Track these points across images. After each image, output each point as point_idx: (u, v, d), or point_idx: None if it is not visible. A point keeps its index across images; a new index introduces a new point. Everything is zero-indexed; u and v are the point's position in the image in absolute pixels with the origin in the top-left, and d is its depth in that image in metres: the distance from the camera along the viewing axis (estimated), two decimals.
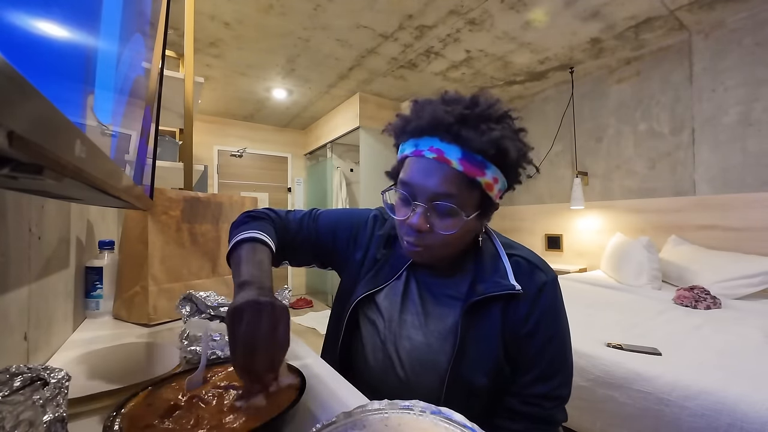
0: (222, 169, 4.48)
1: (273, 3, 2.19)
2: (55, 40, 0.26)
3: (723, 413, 0.99)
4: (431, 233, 0.57)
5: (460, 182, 0.54)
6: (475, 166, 0.53)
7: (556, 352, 0.62)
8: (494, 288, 0.60)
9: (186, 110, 1.53)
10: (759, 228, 2.24)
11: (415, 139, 0.58)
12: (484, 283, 0.61)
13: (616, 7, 2.23)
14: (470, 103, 0.56)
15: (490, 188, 0.56)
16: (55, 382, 0.31)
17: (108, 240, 0.96)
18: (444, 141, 0.54)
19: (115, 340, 0.75)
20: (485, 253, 0.65)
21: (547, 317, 0.61)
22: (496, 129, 0.54)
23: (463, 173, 0.53)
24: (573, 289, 2.28)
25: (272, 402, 0.44)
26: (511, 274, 0.62)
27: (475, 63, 3.00)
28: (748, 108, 2.32)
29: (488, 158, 0.54)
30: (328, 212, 0.78)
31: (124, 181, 0.46)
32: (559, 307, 0.63)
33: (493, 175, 0.55)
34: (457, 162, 0.53)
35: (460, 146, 0.53)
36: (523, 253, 0.66)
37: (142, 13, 0.62)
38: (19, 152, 0.18)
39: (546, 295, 0.61)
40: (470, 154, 0.53)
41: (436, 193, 0.55)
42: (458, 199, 0.55)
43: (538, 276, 0.62)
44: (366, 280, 0.70)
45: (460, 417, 0.37)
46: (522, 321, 0.60)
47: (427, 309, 0.66)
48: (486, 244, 0.67)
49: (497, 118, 0.56)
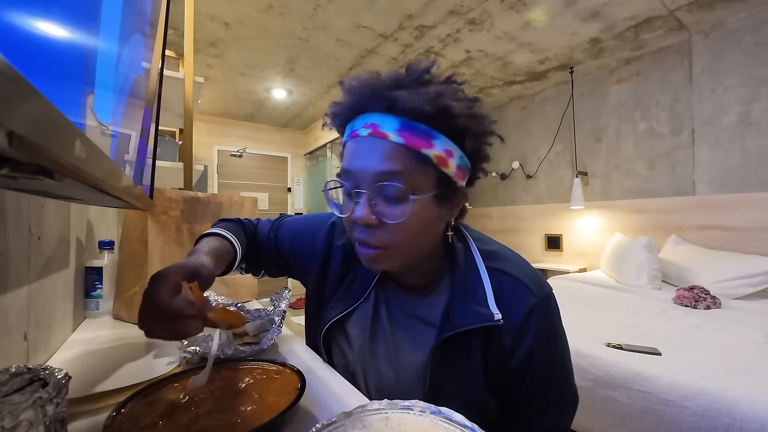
0: (222, 169, 4.48)
1: (273, 3, 2.19)
2: (55, 40, 0.26)
3: (723, 413, 0.99)
4: (383, 227, 0.47)
5: (403, 157, 0.45)
6: (418, 137, 0.45)
7: (555, 382, 0.53)
8: (470, 320, 0.50)
9: (186, 110, 1.53)
10: (759, 228, 2.24)
11: (351, 122, 0.50)
12: (459, 311, 0.52)
13: (615, 7, 2.23)
14: (406, 69, 0.49)
15: (444, 163, 0.46)
16: (55, 382, 0.31)
17: (108, 240, 0.96)
18: (378, 112, 0.47)
19: (115, 340, 0.75)
20: (460, 267, 0.55)
21: (540, 347, 0.51)
22: (434, 87, 0.46)
23: (405, 146, 0.45)
24: (573, 289, 2.28)
25: (272, 402, 0.44)
26: (491, 298, 0.51)
27: (475, 63, 3.00)
28: (748, 108, 2.32)
29: (433, 126, 0.45)
30: (290, 221, 0.73)
31: (124, 181, 0.46)
32: (553, 331, 0.53)
33: (443, 147, 0.46)
34: (395, 134, 0.45)
35: (397, 115, 0.45)
36: (507, 267, 0.54)
37: (142, 13, 0.62)
38: (19, 152, 0.18)
39: (535, 322, 0.50)
40: (410, 123, 0.45)
41: (376, 173, 0.46)
42: (405, 178, 0.45)
43: (525, 298, 0.51)
44: (334, 300, 0.63)
45: (460, 417, 0.37)
46: (507, 354, 0.51)
47: (397, 338, 0.58)
48: (461, 254, 0.56)
49: (437, 80, 0.48)
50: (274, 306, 0.74)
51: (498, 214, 4.03)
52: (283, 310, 0.72)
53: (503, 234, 3.96)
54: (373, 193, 0.47)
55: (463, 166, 0.49)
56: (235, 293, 1.06)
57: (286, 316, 0.73)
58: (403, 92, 0.45)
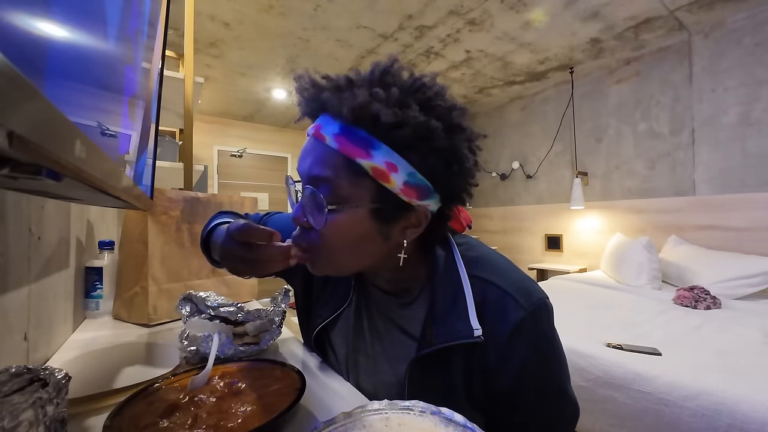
0: (222, 170, 4.48)
1: (273, 3, 2.19)
2: (55, 40, 0.26)
3: (723, 413, 0.99)
4: (313, 231, 0.45)
5: (336, 164, 0.42)
6: (355, 144, 0.41)
7: (553, 400, 0.49)
8: (447, 337, 0.46)
9: (186, 110, 1.53)
10: (759, 228, 2.24)
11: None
12: (437, 325, 0.47)
13: (615, 7, 2.23)
14: (370, 69, 0.45)
15: (384, 177, 0.41)
16: (55, 382, 0.31)
17: (108, 240, 0.96)
18: (326, 113, 0.44)
19: (115, 341, 0.75)
20: (441, 277, 0.50)
21: (532, 367, 0.46)
22: (372, 90, 0.41)
23: (338, 152, 0.41)
24: (573, 289, 2.28)
25: (272, 403, 0.44)
26: (472, 311, 0.46)
27: (475, 63, 3.00)
28: (748, 108, 2.32)
29: (376, 134, 0.41)
30: (277, 218, 0.72)
31: (124, 181, 0.46)
32: (546, 347, 0.48)
33: (385, 159, 0.41)
34: (332, 138, 0.42)
35: (337, 118, 0.42)
36: (492, 277, 0.48)
37: (141, 13, 0.62)
38: (19, 152, 0.18)
39: (525, 338, 0.45)
40: (350, 129, 0.41)
41: (307, 175, 0.44)
42: (333, 186, 0.42)
43: (512, 311, 0.45)
44: (320, 306, 0.62)
45: (461, 417, 0.37)
46: (494, 373, 0.46)
47: (377, 350, 0.55)
48: (442, 263, 0.51)
49: (388, 81, 0.43)
50: (274, 306, 0.74)
51: (498, 214, 4.03)
52: (283, 310, 0.72)
53: (503, 234, 3.96)
54: (305, 196, 0.45)
55: (415, 184, 0.43)
56: (235, 293, 1.06)
57: (286, 316, 0.73)
58: (334, 93, 0.42)
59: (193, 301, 0.73)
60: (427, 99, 0.43)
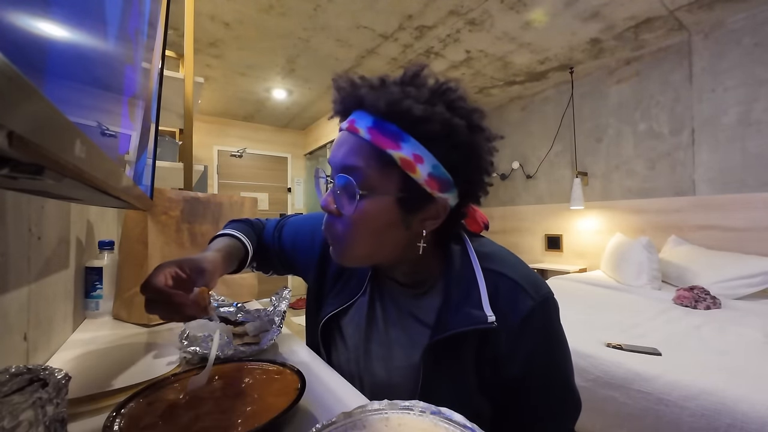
0: (222, 170, 4.48)
1: (273, 3, 2.19)
2: (55, 40, 0.26)
3: (723, 413, 0.99)
4: (341, 218, 0.49)
5: (367, 154, 0.46)
6: (386, 136, 0.45)
7: (557, 389, 0.52)
8: (462, 322, 0.48)
9: (186, 110, 1.53)
10: (759, 228, 2.24)
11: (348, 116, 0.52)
12: (452, 312, 0.50)
13: (615, 7, 2.23)
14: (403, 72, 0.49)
15: (411, 168, 0.45)
16: (55, 382, 0.31)
17: (108, 240, 0.96)
18: (359, 109, 0.48)
19: (115, 340, 0.75)
20: (456, 269, 0.53)
21: (541, 355, 0.50)
22: (404, 89, 0.46)
23: (371, 143, 0.45)
24: (573, 289, 2.28)
25: (272, 403, 0.44)
26: (486, 300, 0.49)
27: (475, 63, 3.00)
28: (748, 108, 2.32)
29: (405, 128, 0.45)
30: (293, 220, 0.75)
31: (124, 181, 0.46)
32: (554, 336, 0.52)
33: (412, 151, 0.45)
34: (366, 130, 0.46)
35: (371, 113, 0.46)
36: (503, 269, 0.52)
37: (141, 13, 0.62)
38: (19, 152, 0.18)
39: (534, 327, 0.49)
40: (382, 122, 0.45)
41: (340, 165, 0.48)
42: (364, 174, 0.46)
43: (523, 301, 0.49)
44: (331, 297, 0.64)
45: (460, 417, 0.37)
46: (504, 360, 0.49)
47: (391, 337, 0.57)
48: (457, 256, 0.55)
49: (418, 82, 0.48)
50: (274, 306, 0.74)
51: (498, 214, 4.03)
52: (283, 310, 0.72)
53: (503, 234, 3.96)
54: (337, 184, 0.48)
55: (438, 176, 0.46)
56: (236, 293, 1.06)
57: (286, 316, 0.73)
58: (370, 90, 0.46)
59: None
60: (452, 100, 0.47)
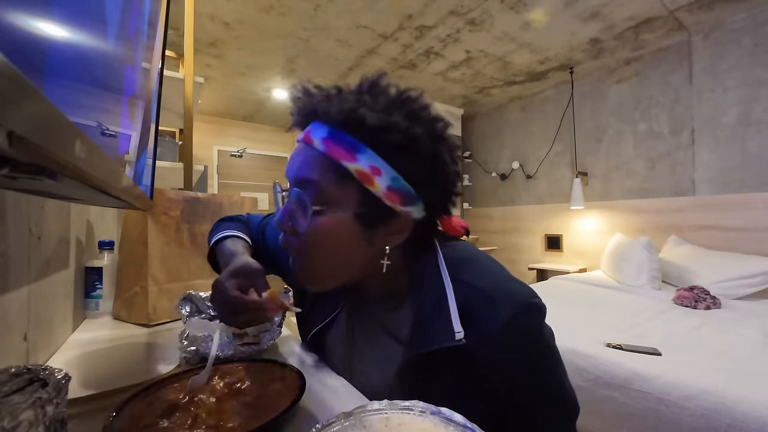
0: (222, 170, 4.48)
1: (273, 3, 2.19)
2: (55, 40, 0.26)
3: (723, 413, 0.99)
4: (297, 235, 0.46)
5: (323, 167, 0.43)
6: (341, 148, 0.42)
7: (549, 401, 0.47)
8: (431, 341, 0.44)
9: (186, 110, 1.53)
10: (759, 228, 2.24)
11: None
12: (423, 328, 0.46)
13: (615, 7, 2.23)
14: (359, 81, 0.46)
15: (368, 181, 0.42)
16: (54, 382, 0.31)
17: (108, 240, 0.96)
18: (316, 120, 0.46)
19: (115, 340, 0.75)
20: (424, 278, 0.49)
21: (524, 369, 0.45)
22: (360, 98, 0.43)
23: (326, 155, 0.43)
24: (573, 289, 2.28)
25: (272, 403, 0.44)
26: (455, 314, 0.44)
27: (475, 63, 3.00)
28: (748, 108, 2.32)
29: (362, 139, 0.42)
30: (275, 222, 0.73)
31: (124, 181, 0.46)
32: (537, 347, 0.46)
33: (369, 163, 0.42)
34: (320, 141, 0.43)
35: (327, 123, 0.44)
36: (473, 279, 0.47)
37: (141, 12, 0.62)
38: (19, 152, 0.18)
39: (511, 341, 0.43)
40: (337, 133, 0.43)
41: (294, 178, 0.45)
42: (319, 188, 0.44)
43: (495, 314, 0.43)
44: (315, 310, 0.62)
45: (461, 417, 0.37)
46: (481, 378, 0.45)
47: (369, 354, 0.55)
48: (426, 267, 0.50)
49: (375, 91, 0.45)
50: None
51: (498, 214, 4.03)
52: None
53: (503, 234, 3.96)
54: (291, 199, 0.46)
55: (398, 189, 0.43)
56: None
57: (287, 316, 0.73)
58: (324, 99, 0.44)
59: (193, 301, 0.73)
60: (412, 110, 0.45)
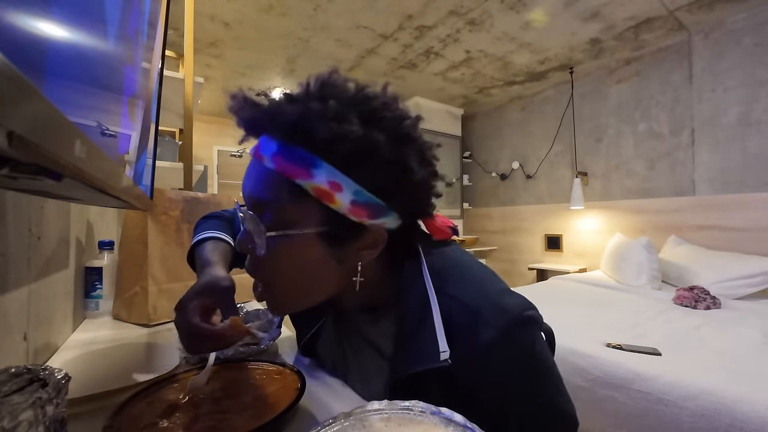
0: (222, 170, 4.48)
1: (273, 3, 2.19)
2: (55, 40, 0.26)
3: (723, 413, 0.99)
4: (258, 258, 0.42)
5: (276, 186, 0.40)
6: (294, 164, 0.38)
7: (542, 420, 0.43)
8: (415, 361, 0.41)
9: (186, 110, 1.53)
10: (759, 228, 2.24)
11: None
12: (407, 347, 0.43)
13: (615, 7, 2.23)
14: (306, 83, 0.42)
15: (328, 198, 0.38)
16: (54, 382, 0.31)
17: (108, 240, 0.96)
18: (266, 134, 0.41)
19: (115, 340, 0.75)
20: (406, 290, 0.45)
21: (510, 387, 0.41)
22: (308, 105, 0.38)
23: (277, 173, 0.39)
24: (573, 289, 2.28)
25: (272, 403, 0.44)
26: (440, 330, 0.41)
27: (475, 63, 3.00)
28: (748, 108, 2.32)
29: (316, 152, 0.38)
30: None
31: (124, 181, 0.46)
32: (528, 363, 0.42)
33: (327, 179, 0.38)
34: (270, 158, 0.39)
35: (273, 136, 0.40)
36: (457, 291, 0.43)
37: (141, 12, 0.62)
38: (19, 152, 0.18)
39: (500, 358, 0.40)
40: (287, 147, 0.39)
41: (248, 198, 0.42)
42: (275, 209, 0.40)
43: (481, 331, 0.40)
44: (302, 320, 0.61)
45: (461, 417, 0.37)
46: (470, 398, 0.41)
47: (353, 367, 0.54)
48: (409, 278, 0.46)
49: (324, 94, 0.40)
50: None
51: (498, 214, 4.03)
52: None
53: (503, 234, 3.96)
54: (246, 221, 0.42)
55: (364, 202, 0.39)
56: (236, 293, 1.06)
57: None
58: (267, 112, 0.40)
59: None
60: (372, 110, 0.40)
